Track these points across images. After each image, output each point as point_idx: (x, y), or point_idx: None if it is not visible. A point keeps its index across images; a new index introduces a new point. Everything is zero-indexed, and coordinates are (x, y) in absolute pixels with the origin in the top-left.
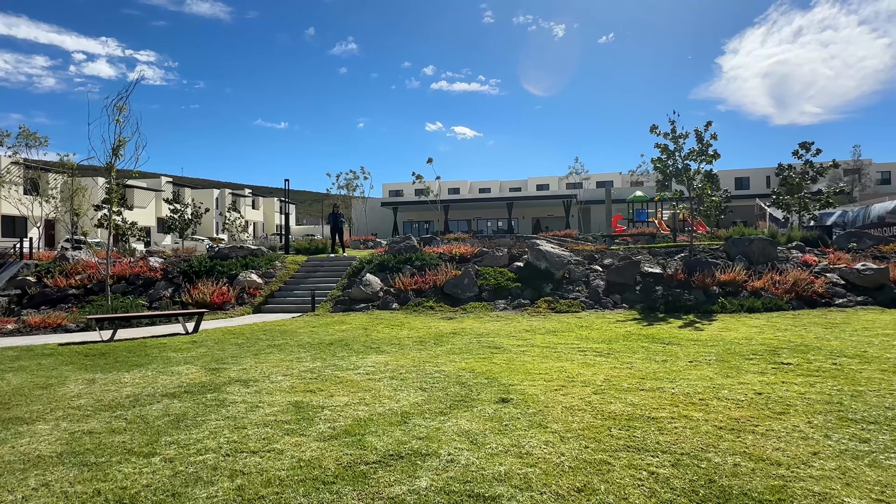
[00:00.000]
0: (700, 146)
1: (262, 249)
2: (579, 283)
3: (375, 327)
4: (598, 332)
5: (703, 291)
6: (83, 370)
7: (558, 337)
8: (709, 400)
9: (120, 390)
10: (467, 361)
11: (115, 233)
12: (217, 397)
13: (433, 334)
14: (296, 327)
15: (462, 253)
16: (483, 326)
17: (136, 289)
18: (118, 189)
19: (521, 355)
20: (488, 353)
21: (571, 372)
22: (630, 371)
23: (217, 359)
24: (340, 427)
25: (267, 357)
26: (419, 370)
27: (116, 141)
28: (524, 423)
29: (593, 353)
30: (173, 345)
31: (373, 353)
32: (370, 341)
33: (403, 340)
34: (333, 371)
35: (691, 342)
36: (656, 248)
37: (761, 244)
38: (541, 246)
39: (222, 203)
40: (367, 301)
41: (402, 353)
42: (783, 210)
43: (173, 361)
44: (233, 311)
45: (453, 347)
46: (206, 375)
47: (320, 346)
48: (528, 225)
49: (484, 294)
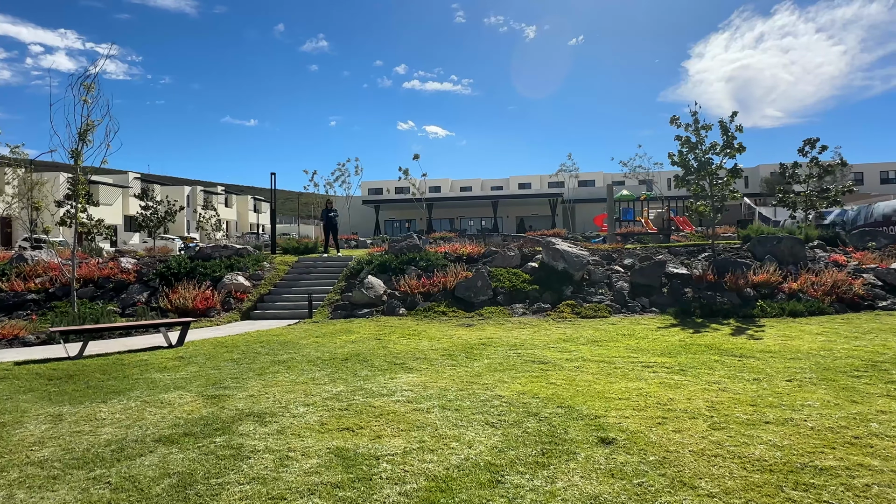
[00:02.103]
0: (725, 138)
1: (249, 249)
2: (601, 284)
3: (389, 337)
4: (646, 341)
5: (737, 294)
6: (46, 401)
7: (605, 348)
8: (865, 437)
9: (97, 432)
10: (520, 382)
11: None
12: (229, 442)
13: (460, 346)
14: (296, 337)
15: (469, 252)
16: (510, 335)
17: (105, 293)
18: (84, 181)
19: (577, 372)
20: (539, 371)
21: (658, 396)
22: (729, 395)
23: (214, 381)
24: (415, 492)
25: (275, 378)
26: (470, 395)
27: (84, 125)
28: (659, 480)
29: (663, 369)
30: (157, 362)
31: (401, 372)
32: (390, 355)
33: (428, 354)
34: (365, 398)
35: (765, 354)
36: (676, 247)
37: (790, 243)
38: (557, 245)
39: (193, 200)
40: (369, 306)
41: (436, 370)
42: (789, 208)
43: (160, 385)
44: (218, 318)
45: (492, 363)
46: (207, 406)
47: (334, 363)
48: (512, 224)
49: (499, 298)
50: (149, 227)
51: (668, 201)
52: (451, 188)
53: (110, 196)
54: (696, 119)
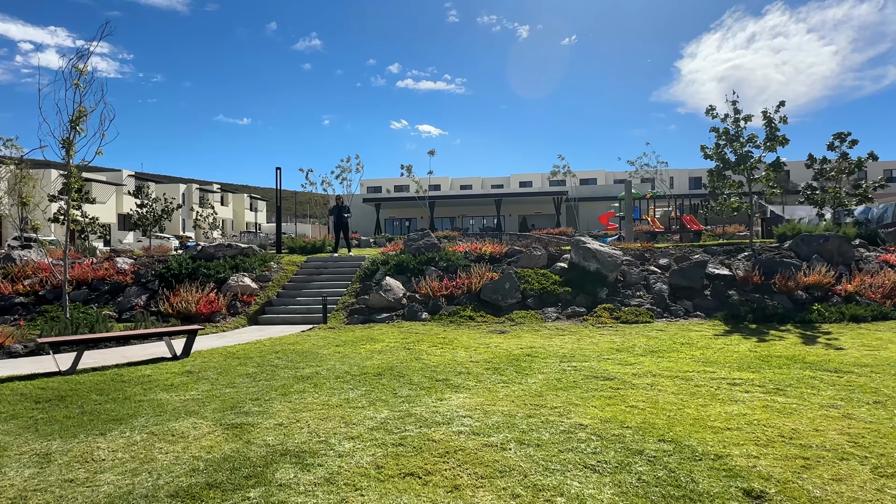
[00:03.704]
0: (768, 129)
1: (254, 248)
2: (637, 286)
3: (418, 347)
4: (712, 351)
5: (787, 296)
6: (32, 432)
7: (669, 360)
8: None
9: (95, 481)
10: (595, 405)
11: (74, 229)
12: (267, 499)
13: (502, 357)
14: (314, 346)
15: (491, 252)
16: (552, 344)
17: (100, 296)
18: (78, 174)
19: (655, 392)
20: (609, 390)
21: (773, 425)
22: (862, 424)
23: (231, 403)
24: None
25: (302, 399)
26: (545, 424)
27: (76, 112)
28: None
29: (754, 387)
30: (161, 378)
31: (447, 391)
32: (427, 369)
33: (470, 367)
34: (419, 427)
35: (863, 368)
36: (711, 246)
37: (837, 242)
38: (589, 244)
39: (189, 199)
40: (389, 310)
41: (487, 389)
42: (817, 206)
43: (169, 409)
44: (224, 324)
45: (548, 379)
46: (229, 439)
47: (366, 379)
48: (514, 223)
49: (528, 301)
50: (144, 225)
51: (673, 200)
52: (450, 186)
53: (104, 194)
54: (735, 108)
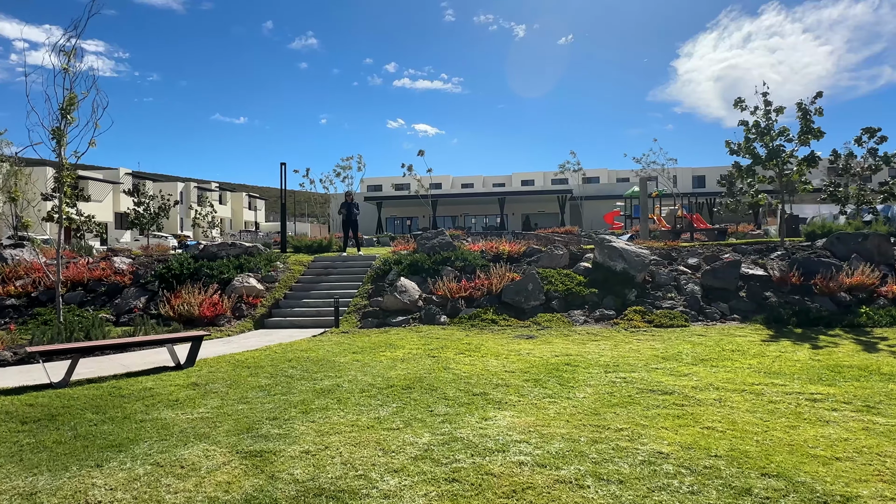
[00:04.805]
0: (803, 122)
1: (259, 247)
2: (667, 287)
3: (443, 354)
4: (769, 360)
5: (830, 298)
6: (16, 462)
7: (726, 370)
8: None
9: None
10: (664, 426)
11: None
12: None
13: (539, 366)
14: (329, 353)
15: (510, 251)
16: (589, 351)
17: (97, 297)
18: (72, 170)
19: (725, 409)
20: (673, 407)
21: (891, 454)
22: None
23: (247, 423)
24: None
25: (327, 418)
26: (618, 453)
27: (66, 99)
28: None
29: (840, 404)
30: (165, 391)
31: (489, 407)
32: (459, 381)
33: (507, 378)
34: (470, 455)
35: None
36: (740, 244)
37: (876, 240)
38: (614, 243)
39: (187, 198)
40: (404, 312)
41: (533, 405)
42: (840, 203)
43: (175, 431)
44: (229, 328)
45: (598, 393)
46: (249, 473)
47: (395, 393)
48: (517, 222)
49: (553, 303)
50: (141, 224)
51: (679, 198)
52: (452, 185)
53: (101, 192)
54: (766, 101)
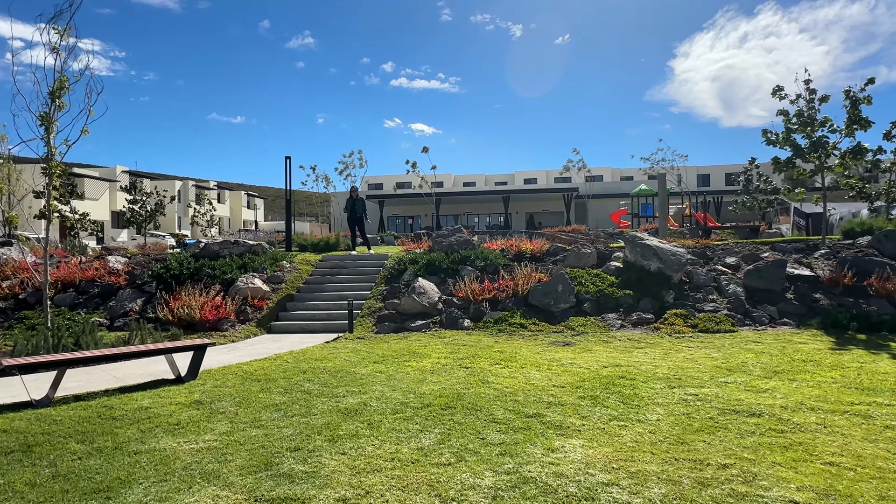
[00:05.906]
0: (851, 111)
1: (264, 245)
2: (707, 289)
3: (477, 364)
4: (854, 373)
5: (888, 300)
6: None
7: (807, 385)
8: None
9: None
10: (776, 461)
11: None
12: None
13: (590, 379)
14: (347, 363)
15: (533, 250)
16: (638, 360)
17: (89, 300)
18: (59, 164)
19: (836, 437)
20: (771, 434)
21: None
22: None
23: (263, 456)
24: None
25: (359, 448)
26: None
27: (56, 82)
28: None
29: None
30: (164, 411)
31: (553, 434)
32: (506, 399)
33: (559, 395)
34: None
35: None
36: (778, 243)
37: None
38: (647, 240)
39: (185, 196)
40: (423, 316)
41: (602, 430)
42: (867, 200)
43: (177, 468)
44: (234, 333)
45: (673, 414)
46: None
47: (433, 415)
48: (521, 220)
49: (585, 305)
50: (137, 222)
51: (688, 196)
52: (454, 184)
53: (96, 190)
54: (809, 88)
